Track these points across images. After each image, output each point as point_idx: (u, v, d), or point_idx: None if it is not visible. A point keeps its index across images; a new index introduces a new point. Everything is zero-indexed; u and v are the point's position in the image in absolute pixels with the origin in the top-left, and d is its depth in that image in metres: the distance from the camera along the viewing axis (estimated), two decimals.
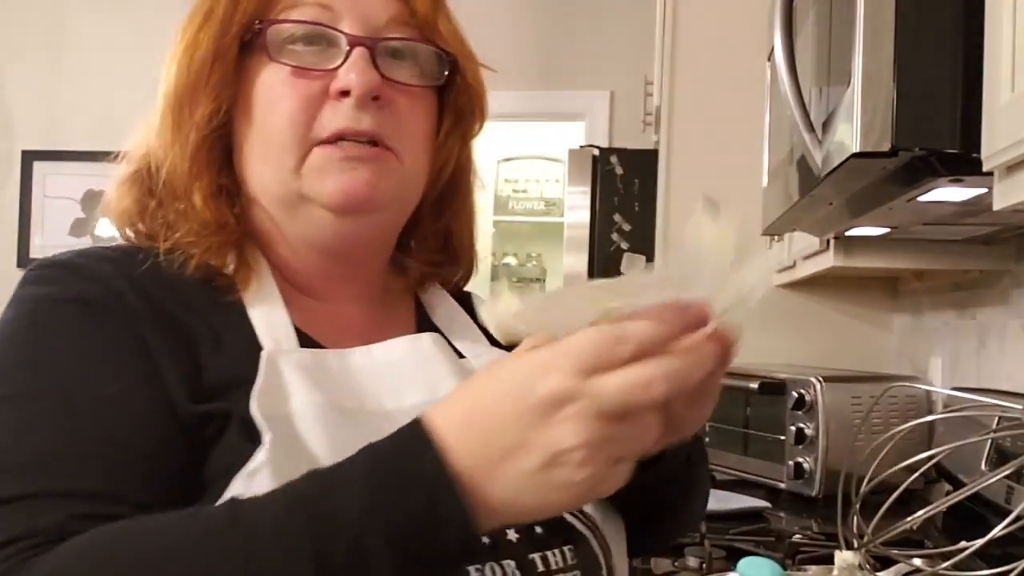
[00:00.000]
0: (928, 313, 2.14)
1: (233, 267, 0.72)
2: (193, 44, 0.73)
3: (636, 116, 3.46)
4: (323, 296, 0.77)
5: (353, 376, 0.70)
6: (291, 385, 0.66)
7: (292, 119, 0.71)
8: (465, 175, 0.83)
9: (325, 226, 0.73)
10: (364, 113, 0.70)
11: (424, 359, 0.74)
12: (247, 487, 0.59)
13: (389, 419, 0.62)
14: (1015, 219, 1.34)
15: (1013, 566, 0.91)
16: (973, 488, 0.98)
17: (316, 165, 0.70)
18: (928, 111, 0.96)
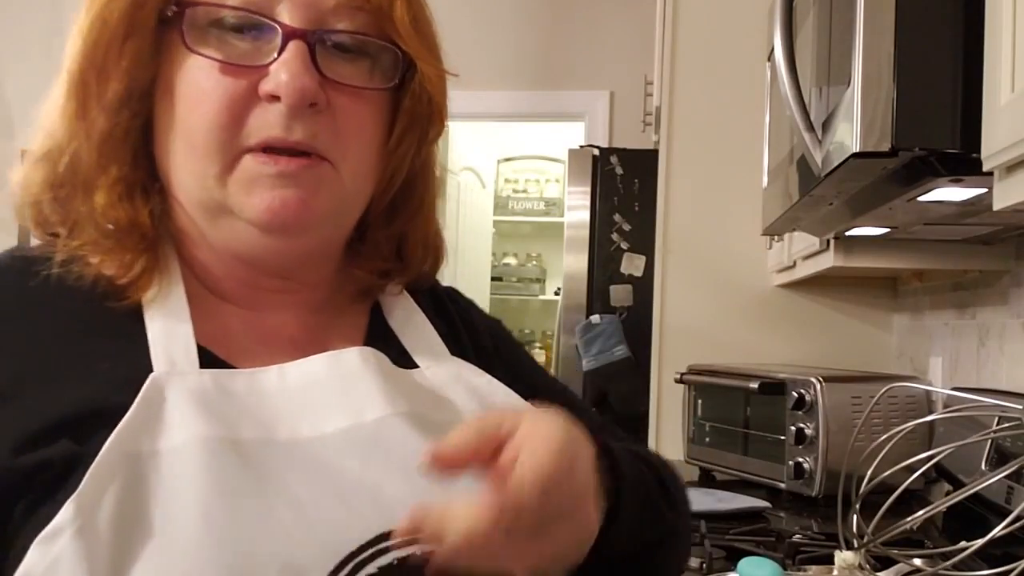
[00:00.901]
0: (928, 313, 2.14)
1: (137, 272, 0.62)
2: (103, 14, 0.62)
3: (636, 116, 3.46)
4: (250, 304, 0.67)
5: (264, 400, 0.59)
6: (172, 417, 0.55)
7: (216, 122, 0.60)
8: (422, 179, 0.73)
9: (252, 241, 0.63)
10: (297, 122, 0.61)
11: (348, 378, 0.63)
12: (43, 553, 0.49)
13: (303, 448, 0.57)
14: (1015, 219, 1.34)
15: (1013, 566, 0.91)
16: (973, 488, 0.98)
17: (243, 177, 0.61)
18: (928, 111, 0.96)
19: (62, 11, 4.30)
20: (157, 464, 0.53)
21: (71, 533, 0.49)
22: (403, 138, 0.68)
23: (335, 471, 0.57)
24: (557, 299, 3.36)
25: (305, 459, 0.56)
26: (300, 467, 0.56)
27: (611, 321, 2.95)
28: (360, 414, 0.60)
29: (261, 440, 0.56)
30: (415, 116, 0.68)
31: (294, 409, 0.59)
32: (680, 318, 2.53)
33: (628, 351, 2.92)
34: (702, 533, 1.37)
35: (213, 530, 0.51)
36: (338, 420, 0.60)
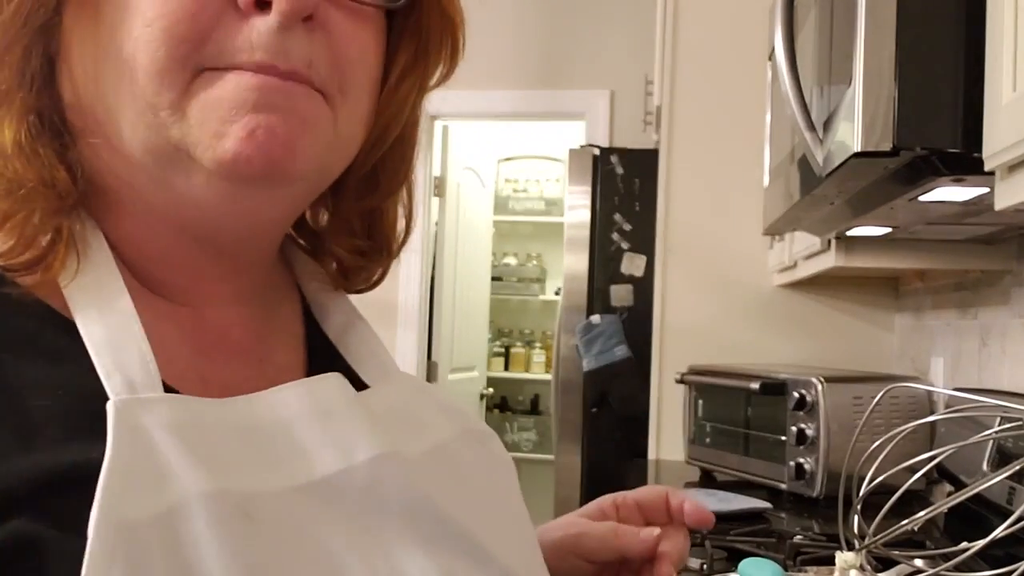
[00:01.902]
0: (929, 313, 2.14)
1: (44, 246, 0.44)
2: None
3: (636, 116, 3.46)
4: (182, 297, 0.51)
5: (241, 439, 0.45)
6: (159, 463, 0.40)
7: (173, 32, 0.44)
8: (410, 140, 0.58)
9: (210, 197, 0.47)
10: (290, 39, 0.45)
11: (329, 412, 0.49)
12: None
13: (300, 498, 0.45)
14: (1016, 219, 1.33)
15: (1015, 567, 0.91)
16: (975, 489, 0.98)
17: (212, 97, 0.45)
18: (929, 111, 0.96)
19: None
20: (161, 535, 0.39)
21: None
22: (406, 74, 0.53)
23: (342, 524, 0.46)
24: (557, 299, 3.36)
25: (307, 513, 0.44)
26: (305, 522, 0.44)
27: (611, 321, 2.95)
28: (351, 455, 0.47)
29: (255, 492, 0.43)
30: (423, 44, 0.54)
31: (273, 451, 0.46)
32: (681, 318, 2.53)
33: (628, 351, 2.91)
34: (703, 534, 1.37)
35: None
36: (328, 462, 0.47)
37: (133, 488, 0.39)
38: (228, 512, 0.41)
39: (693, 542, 1.35)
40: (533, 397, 5.19)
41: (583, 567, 0.70)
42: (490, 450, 0.59)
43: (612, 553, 0.70)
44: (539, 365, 5.01)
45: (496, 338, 5.19)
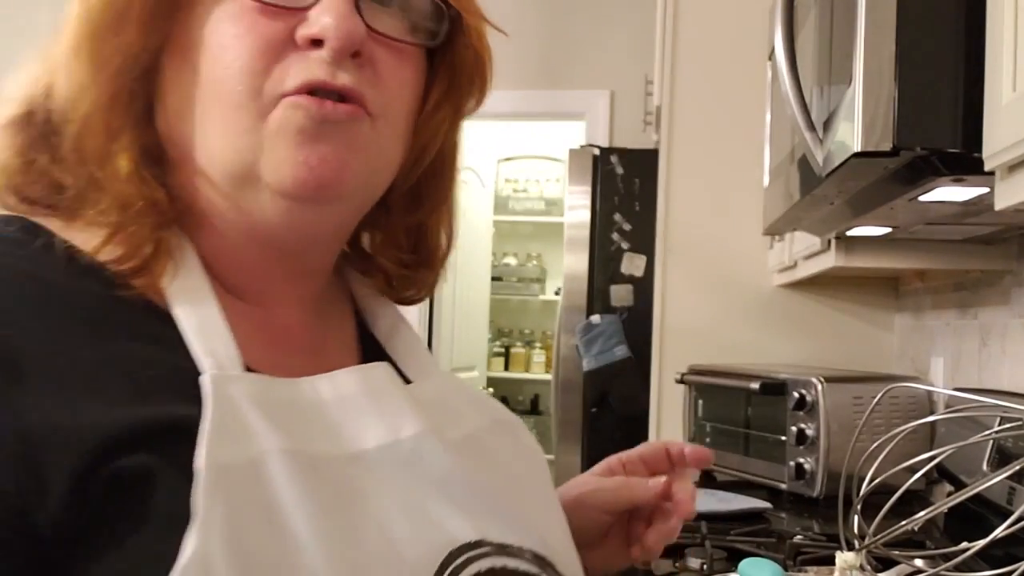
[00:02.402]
0: (929, 313, 2.14)
1: (148, 253, 0.54)
2: None
3: (636, 116, 3.46)
4: (255, 299, 0.61)
5: (305, 412, 0.54)
6: (246, 424, 0.50)
7: (247, 67, 0.54)
8: (450, 162, 0.68)
9: (277, 213, 0.57)
10: (340, 69, 0.55)
11: (377, 393, 0.58)
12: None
13: (355, 464, 0.53)
14: (1017, 219, 1.33)
15: (1015, 567, 0.91)
16: (975, 489, 0.98)
17: (279, 126, 0.54)
18: (929, 110, 0.96)
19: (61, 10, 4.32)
20: (248, 476, 0.48)
21: (203, 570, 0.44)
22: (441, 104, 0.63)
23: (392, 488, 0.54)
24: (557, 299, 3.36)
25: (359, 474, 0.53)
26: (357, 481, 0.53)
27: (611, 321, 2.95)
28: (397, 431, 0.57)
29: (318, 454, 0.52)
30: (456, 79, 0.63)
31: (332, 424, 0.55)
32: (681, 318, 2.53)
33: (628, 351, 2.91)
34: (703, 534, 1.37)
35: (332, 558, 0.48)
36: (378, 435, 0.56)
37: (225, 440, 0.48)
38: (299, 464, 0.49)
39: (693, 542, 1.36)
40: (533, 397, 5.19)
41: (600, 519, 0.79)
42: (519, 438, 0.69)
43: (625, 503, 0.79)
44: (539, 365, 5.01)
45: (496, 338, 5.19)
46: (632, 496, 0.78)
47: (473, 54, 0.63)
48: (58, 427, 0.45)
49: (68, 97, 0.56)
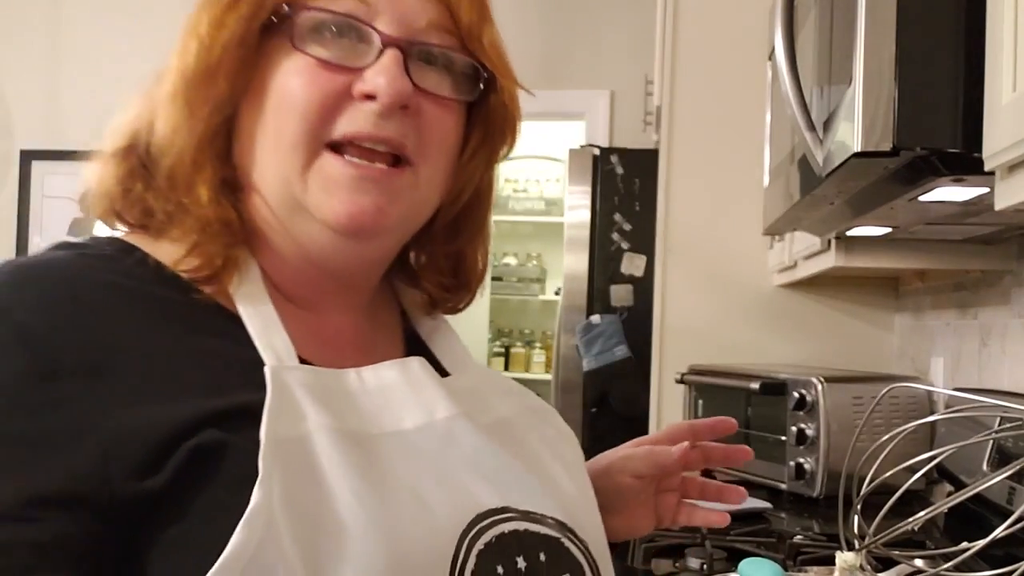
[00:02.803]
0: (929, 313, 2.14)
1: (219, 264, 0.65)
2: (218, 23, 0.65)
3: (636, 116, 3.46)
4: (310, 307, 0.71)
5: (351, 398, 0.65)
6: (300, 406, 0.60)
7: (306, 114, 0.64)
8: (485, 199, 0.77)
9: (325, 243, 0.67)
10: (388, 120, 0.65)
11: (415, 383, 0.69)
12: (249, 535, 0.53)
13: (392, 440, 0.63)
14: (1017, 219, 1.33)
15: (1014, 567, 0.91)
16: (975, 489, 0.98)
17: (325, 174, 0.65)
18: (929, 110, 0.96)
19: (61, 11, 4.29)
20: (301, 448, 0.58)
21: (266, 517, 0.54)
22: (477, 152, 0.73)
23: (426, 461, 0.64)
24: (557, 299, 3.36)
25: (398, 449, 0.63)
26: (395, 456, 0.62)
27: (611, 321, 2.95)
28: (432, 414, 0.67)
29: (361, 432, 0.62)
30: (489, 131, 0.73)
31: (374, 408, 0.65)
32: (681, 318, 2.53)
33: (628, 351, 2.91)
34: (703, 534, 1.37)
35: (368, 512, 0.57)
36: (415, 418, 0.66)
37: (282, 419, 0.58)
38: (342, 439, 0.60)
39: (693, 542, 1.36)
40: None
41: (628, 483, 0.87)
42: (548, 423, 0.78)
43: (652, 467, 0.87)
44: (539, 365, 5.01)
45: (496, 338, 5.19)
46: (658, 460, 0.87)
47: (505, 110, 0.73)
48: (145, 414, 0.56)
49: (164, 135, 0.66)
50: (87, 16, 4.17)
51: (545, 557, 0.64)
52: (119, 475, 0.54)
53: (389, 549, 0.56)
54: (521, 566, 0.62)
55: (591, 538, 0.69)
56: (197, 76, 0.65)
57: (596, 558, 0.68)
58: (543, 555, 0.64)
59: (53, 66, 4.19)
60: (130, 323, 0.60)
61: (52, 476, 0.54)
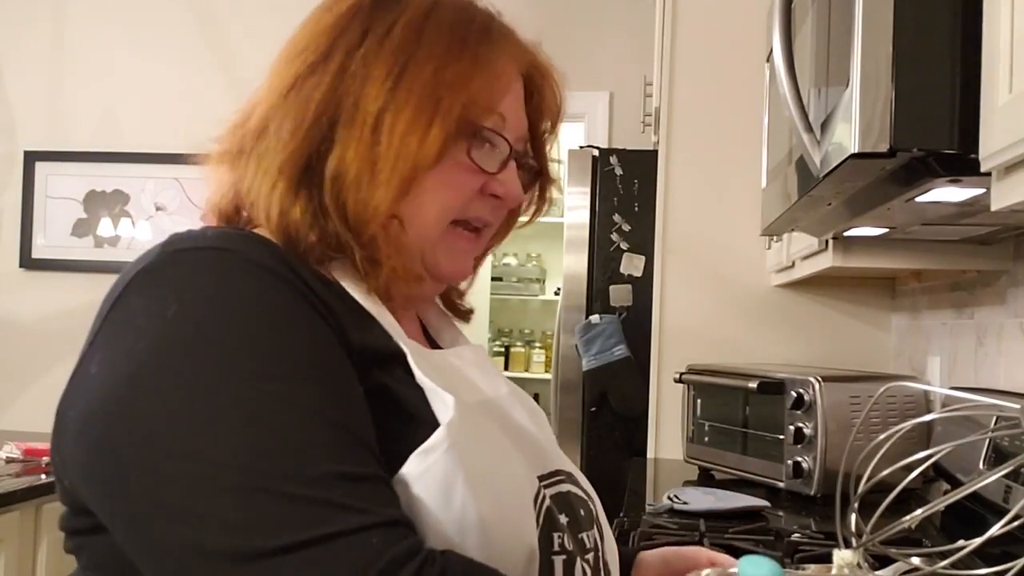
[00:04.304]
0: (926, 313, 2.14)
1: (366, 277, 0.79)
2: (443, 132, 0.76)
3: (636, 116, 3.46)
4: (395, 314, 0.83)
5: (457, 373, 0.81)
6: (435, 372, 0.75)
7: (458, 204, 0.80)
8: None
9: (422, 285, 0.82)
10: (497, 212, 0.84)
11: (484, 363, 0.87)
12: (421, 461, 0.68)
13: (497, 403, 0.82)
14: (1013, 219, 1.34)
15: (1011, 565, 0.92)
16: (971, 487, 0.99)
17: (449, 243, 0.81)
18: (926, 112, 0.97)
19: (64, 13, 4.28)
20: (471, 412, 0.73)
21: (444, 449, 0.67)
22: (515, 220, 0.92)
23: (498, 423, 0.78)
24: (557, 299, 3.36)
25: (502, 410, 0.81)
26: (484, 417, 0.77)
27: (611, 321, 2.95)
28: (497, 389, 0.84)
29: (474, 398, 0.78)
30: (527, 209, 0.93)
31: (469, 381, 0.81)
32: (680, 318, 2.54)
33: (628, 351, 2.92)
34: (701, 532, 1.38)
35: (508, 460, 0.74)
36: (487, 390, 0.83)
37: (430, 375, 0.74)
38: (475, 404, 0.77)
39: (691, 540, 1.37)
40: (533, 396, 5.18)
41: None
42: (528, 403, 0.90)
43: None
44: (539, 365, 5.01)
45: (496, 338, 5.19)
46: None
47: (547, 192, 0.95)
48: (355, 342, 0.70)
49: (374, 203, 0.77)
50: (90, 19, 4.17)
51: (583, 513, 0.81)
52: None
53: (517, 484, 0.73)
54: (568, 519, 0.78)
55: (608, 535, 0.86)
56: (418, 171, 0.76)
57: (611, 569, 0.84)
58: (582, 511, 0.81)
59: (56, 68, 4.19)
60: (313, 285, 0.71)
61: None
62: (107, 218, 4.12)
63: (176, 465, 0.60)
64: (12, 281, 4.12)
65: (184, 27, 4.00)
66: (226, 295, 0.65)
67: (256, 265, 0.67)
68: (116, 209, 4.12)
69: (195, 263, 0.67)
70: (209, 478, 0.59)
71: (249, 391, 0.62)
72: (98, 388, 0.64)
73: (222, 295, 0.65)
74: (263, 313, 0.65)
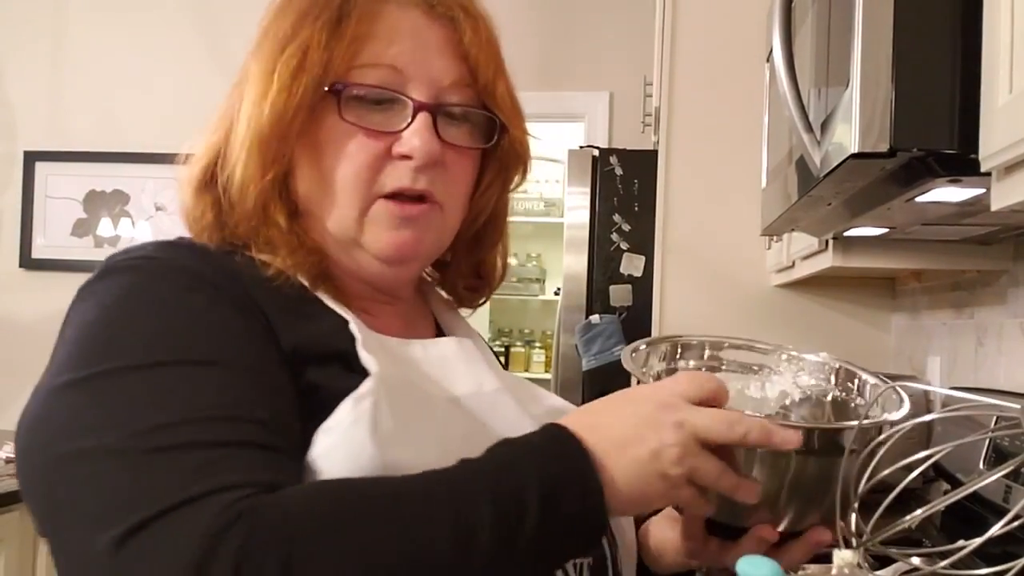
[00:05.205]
0: (926, 313, 2.14)
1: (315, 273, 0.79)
2: (287, 91, 0.75)
3: (636, 117, 3.46)
4: (361, 308, 0.81)
5: (415, 363, 0.78)
6: (380, 355, 0.73)
7: (358, 176, 0.76)
8: (501, 217, 0.91)
9: (374, 269, 0.80)
10: (422, 175, 0.77)
11: (469, 358, 0.83)
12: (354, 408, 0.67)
13: (455, 403, 0.76)
14: (1013, 219, 1.34)
15: (1011, 565, 0.92)
16: (971, 487, 0.99)
17: (375, 219, 0.77)
18: (926, 112, 0.97)
19: (64, 14, 4.28)
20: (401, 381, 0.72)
21: (373, 399, 0.67)
22: (491, 185, 0.86)
23: (475, 422, 0.76)
24: (557, 299, 3.36)
25: (452, 410, 0.75)
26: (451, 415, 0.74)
27: (611, 321, 2.95)
28: (481, 385, 0.80)
29: (424, 391, 0.74)
30: (503, 169, 0.86)
31: (434, 374, 0.78)
32: (679, 318, 2.54)
33: None
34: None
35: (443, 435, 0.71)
36: (467, 386, 0.79)
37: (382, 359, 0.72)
38: (411, 385, 0.73)
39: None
40: None
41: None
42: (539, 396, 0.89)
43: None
44: (539, 365, 5.01)
45: (496, 338, 5.19)
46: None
47: (516, 151, 0.85)
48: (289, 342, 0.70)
49: (239, 185, 0.77)
50: (90, 20, 4.17)
51: None
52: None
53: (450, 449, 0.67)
54: None
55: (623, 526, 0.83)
56: (270, 139, 0.75)
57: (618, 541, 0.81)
58: None
59: (56, 69, 4.19)
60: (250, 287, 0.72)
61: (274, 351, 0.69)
62: (107, 218, 4.12)
63: (64, 464, 0.61)
64: (12, 281, 4.13)
65: (184, 27, 4.01)
66: (139, 297, 0.68)
67: (177, 269, 0.70)
68: (116, 209, 4.12)
69: (121, 273, 0.70)
70: (83, 471, 0.60)
71: (136, 382, 0.63)
72: (31, 401, 0.66)
73: (135, 297, 0.68)
74: (173, 311, 0.67)
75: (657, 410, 0.66)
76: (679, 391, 0.68)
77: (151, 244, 0.74)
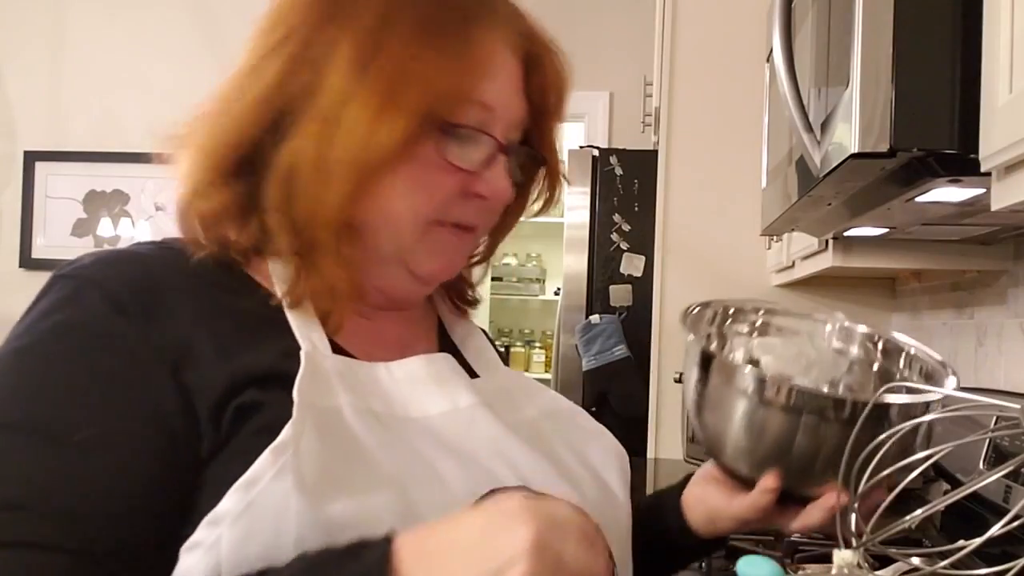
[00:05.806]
0: (926, 313, 2.14)
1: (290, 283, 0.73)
2: (404, 119, 0.70)
3: (636, 116, 3.46)
4: (369, 315, 0.80)
5: (379, 386, 0.73)
6: (328, 383, 0.68)
7: (430, 206, 0.74)
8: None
9: (405, 286, 0.78)
10: (484, 212, 0.78)
11: (441, 375, 0.77)
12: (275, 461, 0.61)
13: (418, 424, 0.72)
14: (1013, 219, 1.34)
15: (1011, 565, 0.92)
16: (971, 487, 0.98)
17: (431, 244, 0.75)
18: (926, 112, 0.97)
19: (64, 14, 4.28)
20: (329, 417, 0.66)
21: (271, 476, 0.60)
22: (518, 211, 0.85)
23: (448, 442, 0.71)
24: (557, 299, 3.36)
25: (421, 431, 0.71)
26: (415, 437, 0.70)
27: (611, 321, 2.95)
28: (456, 402, 0.75)
29: (387, 414, 0.70)
30: (528, 198, 0.85)
31: (401, 395, 0.73)
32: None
33: (628, 351, 2.92)
34: None
35: (386, 476, 0.64)
36: (440, 405, 0.74)
37: (314, 389, 0.67)
38: (368, 416, 0.68)
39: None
40: None
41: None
42: (579, 424, 0.86)
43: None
44: (539, 365, 5.01)
45: (496, 338, 5.19)
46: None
47: (551, 184, 0.85)
48: (206, 377, 0.65)
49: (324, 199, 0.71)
50: (89, 20, 4.17)
51: None
52: (195, 422, 0.63)
53: (401, 501, 0.62)
54: None
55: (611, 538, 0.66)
56: (379, 162, 0.70)
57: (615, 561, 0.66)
58: None
59: (56, 69, 4.19)
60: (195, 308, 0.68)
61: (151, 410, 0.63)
62: (107, 218, 4.12)
63: None
64: (12, 281, 4.13)
65: (184, 27, 4.01)
66: (41, 326, 0.65)
67: (93, 294, 0.66)
68: (116, 209, 4.12)
69: (51, 290, 0.67)
70: None
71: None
72: None
73: (38, 325, 0.65)
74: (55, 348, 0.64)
75: (492, 565, 0.53)
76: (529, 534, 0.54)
77: (91, 258, 0.70)
